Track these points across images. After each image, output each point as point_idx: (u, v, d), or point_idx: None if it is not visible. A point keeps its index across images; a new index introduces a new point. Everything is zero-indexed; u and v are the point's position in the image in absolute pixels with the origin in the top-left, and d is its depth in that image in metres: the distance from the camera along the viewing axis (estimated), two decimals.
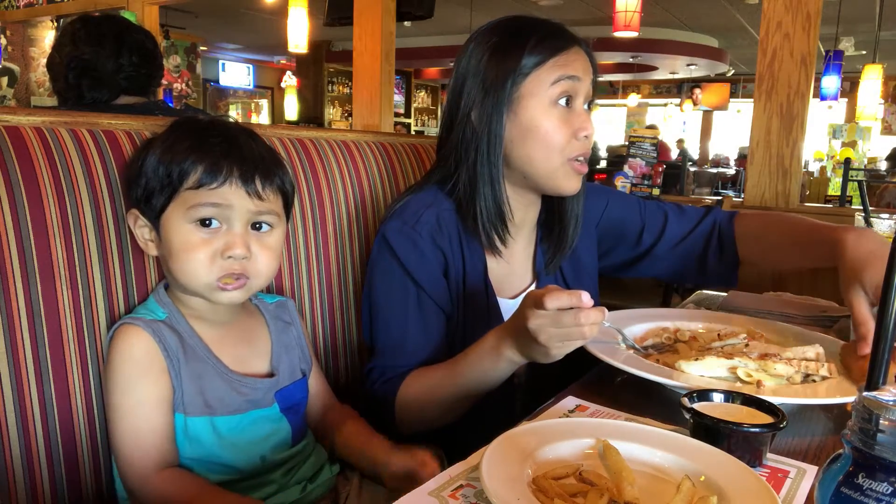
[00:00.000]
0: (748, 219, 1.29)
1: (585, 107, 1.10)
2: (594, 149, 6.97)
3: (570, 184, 1.10)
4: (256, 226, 0.91)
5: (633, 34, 5.03)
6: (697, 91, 13.23)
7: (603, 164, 6.99)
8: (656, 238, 1.30)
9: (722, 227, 1.29)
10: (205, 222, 0.87)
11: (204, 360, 0.91)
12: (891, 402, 0.45)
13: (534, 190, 1.14)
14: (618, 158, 5.63)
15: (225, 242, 0.87)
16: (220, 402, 0.91)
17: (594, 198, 1.30)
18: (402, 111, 13.39)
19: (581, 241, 1.24)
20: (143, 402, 0.86)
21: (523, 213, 1.17)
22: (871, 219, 1.14)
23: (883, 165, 9.43)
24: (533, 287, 1.21)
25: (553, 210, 1.21)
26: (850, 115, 10.37)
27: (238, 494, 0.89)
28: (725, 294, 1.51)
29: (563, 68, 1.06)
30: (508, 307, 1.16)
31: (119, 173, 0.94)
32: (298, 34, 5.60)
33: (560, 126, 1.07)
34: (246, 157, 0.89)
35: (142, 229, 0.91)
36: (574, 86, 1.07)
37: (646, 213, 1.32)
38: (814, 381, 0.90)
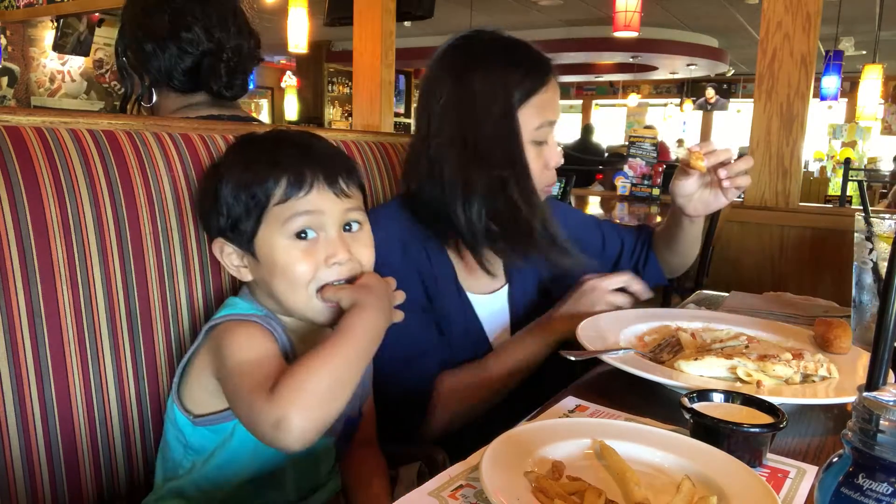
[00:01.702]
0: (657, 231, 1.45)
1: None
2: (596, 150, 6.99)
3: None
4: (346, 227, 0.89)
5: (633, 34, 5.03)
6: (711, 91, 13.19)
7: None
8: (619, 250, 1.40)
9: (648, 239, 1.41)
10: (300, 235, 0.85)
11: None
12: (891, 402, 0.45)
13: None
14: (615, 158, 5.61)
15: (326, 252, 0.85)
16: None
17: (557, 212, 1.34)
18: (402, 111, 13.39)
19: None
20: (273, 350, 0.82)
21: None
22: (871, 219, 1.14)
23: (883, 165, 9.43)
24: (506, 288, 1.26)
25: None
26: (850, 115, 10.38)
27: None
28: (727, 294, 1.51)
29: (546, 112, 1.12)
30: (480, 302, 1.21)
31: (119, 173, 0.94)
32: (298, 34, 5.61)
33: (538, 160, 1.13)
34: (324, 159, 0.88)
35: (229, 256, 0.90)
36: (552, 128, 1.14)
37: (604, 228, 1.41)
38: (813, 381, 0.90)
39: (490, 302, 1.23)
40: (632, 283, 1.20)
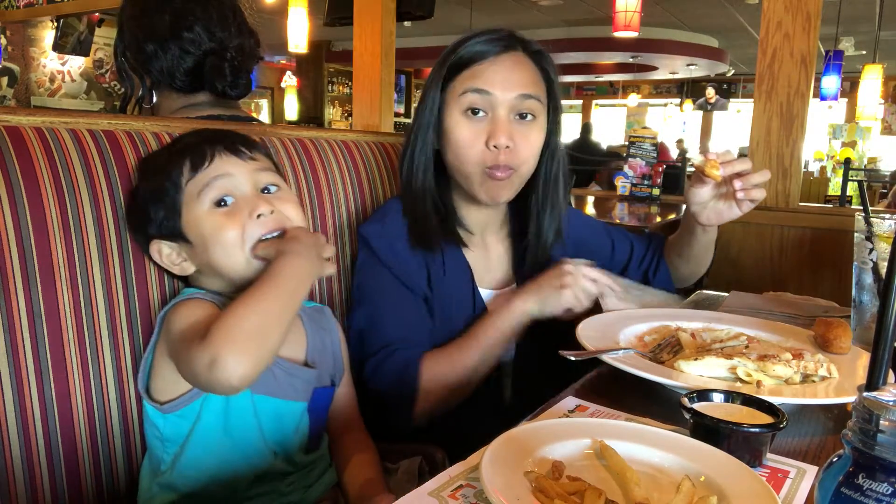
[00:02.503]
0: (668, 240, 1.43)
1: (523, 117, 1.11)
2: (595, 150, 6.96)
3: (485, 193, 1.13)
4: (265, 190, 0.93)
5: (633, 34, 5.03)
6: (711, 91, 13.15)
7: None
8: (628, 256, 1.37)
9: (660, 247, 1.39)
10: (219, 203, 0.89)
11: None
12: (891, 403, 0.45)
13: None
14: (613, 157, 5.59)
15: (248, 208, 0.88)
16: (256, 382, 0.87)
17: (569, 214, 1.34)
18: (402, 111, 13.39)
19: (556, 258, 1.28)
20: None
21: (472, 214, 1.21)
22: (871, 219, 1.14)
23: (883, 165, 9.43)
24: (514, 286, 1.26)
25: (520, 215, 1.26)
26: (850, 115, 10.37)
27: None
28: (727, 295, 1.51)
29: (473, 80, 1.09)
30: (489, 297, 1.22)
31: (119, 173, 0.94)
32: (298, 34, 5.61)
33: (470, 135, 1.10)
34: (219, 134, 0.94)
35: (169, 256, 0.92)
36: (484, 100, 1.09)
37: (613, 233, 1.39)
38: (813, 381, 0.90)
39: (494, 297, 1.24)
40: (603, 279, 1.13)
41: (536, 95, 1.12)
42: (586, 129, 7.78)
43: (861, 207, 1.19)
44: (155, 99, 1.41)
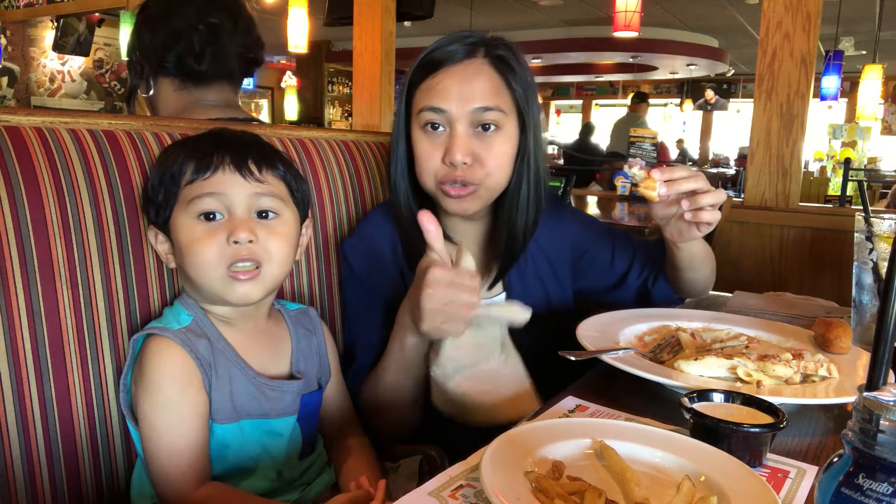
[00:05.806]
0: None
1: (485, 128, 1.06)
2: (595, 150, 6.94)
3: (449, 207, 1.10)
4: (262, 214, 0.90)
5: (633, 34, 5.02)
6: (710, 93, 13.11)
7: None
8: (627, 265, 1.28)
9: (662, 257, 1.27)
10: (208, 216, 0.87)
11: (232, 363, 0.91)
12: (891, 403, 0.45)
13: None
14: (613, 157, 5.59)
15: (228, 229, 0.86)
16: (245, 407, 0.90)
17: (571, 219, 1.30)
18: None
19: (555, 264, 1.25)
20: (181, 419, 0.85)
21: (454, 224, 1.17)
22: (871, 219, 1.14)
23: (883, 165, 9.43)
24: (503, 297, 1.20)
25: (495, 223, 1.20)
26: (850, 115, 10.37)
27: (277, 502, 0.90)
28: (728, 295, 1.51)
29: (429, 96, 1.06)
30: None
31: (119, 173, 0.94)
32: (298, 34, 5.60)
33: (429, 149, 1.07)
34: (237, 145, 0.91)
35: (162, 245, 0.91)
36: (441, 116, 1.06)
37: (616, 241, 1.30)
38: (813, 381, 0.90)
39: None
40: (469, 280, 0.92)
41: (496, 106, 1.05)
42: (587, 129, 7.78)
43: (861, 207, 1.19)
44: (152, 91, 1.43)
